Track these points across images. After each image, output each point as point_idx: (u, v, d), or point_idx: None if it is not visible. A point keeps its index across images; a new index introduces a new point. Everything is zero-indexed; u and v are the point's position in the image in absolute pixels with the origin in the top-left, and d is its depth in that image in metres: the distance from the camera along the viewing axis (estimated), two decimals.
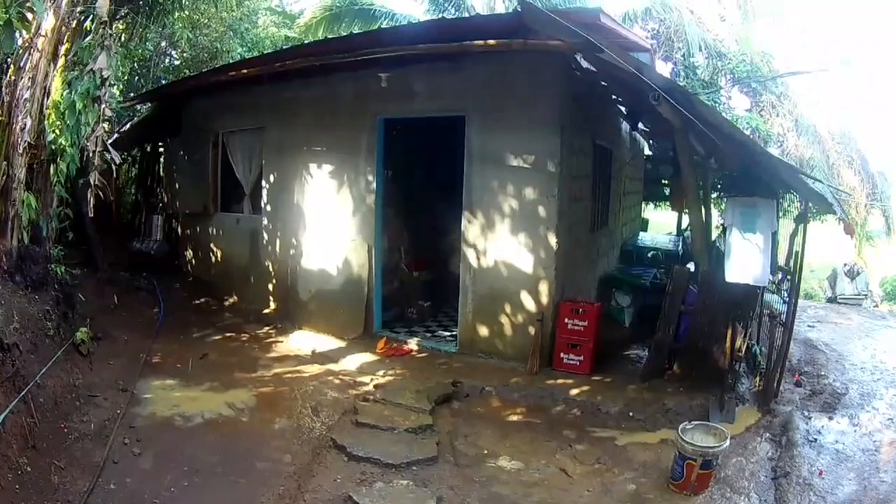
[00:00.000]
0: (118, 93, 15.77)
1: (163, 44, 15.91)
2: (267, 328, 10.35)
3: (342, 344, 9.39)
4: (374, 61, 8.31)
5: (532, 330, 8.28)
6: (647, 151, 16.47)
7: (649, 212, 21.53)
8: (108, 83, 7.91)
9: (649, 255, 14.23)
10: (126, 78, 15.87)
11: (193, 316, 10.97)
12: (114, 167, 14.83)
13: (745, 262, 7.54)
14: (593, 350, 8.28)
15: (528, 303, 8.34)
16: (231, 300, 11.86)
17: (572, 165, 8.54)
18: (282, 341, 9.73)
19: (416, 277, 11.30)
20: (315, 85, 9.91)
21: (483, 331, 8.68)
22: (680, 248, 14.79)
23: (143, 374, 7.91)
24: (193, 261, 13.10)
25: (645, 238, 15.94)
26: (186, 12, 13.88)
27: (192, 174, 12.57)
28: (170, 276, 12.89)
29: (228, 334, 10.01)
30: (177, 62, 16.67)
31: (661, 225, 20.48)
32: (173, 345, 9.22)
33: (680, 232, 17.55)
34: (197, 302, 11.90)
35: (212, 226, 12.43)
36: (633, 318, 10.84)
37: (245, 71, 9.55)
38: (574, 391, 7.72)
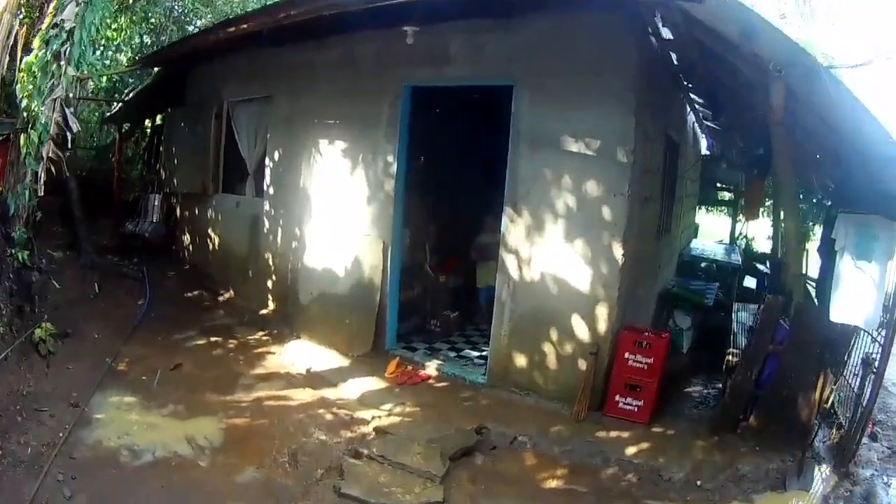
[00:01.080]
0: (125, 60, 14.46)
1: (176, 9, 14.39)
2: (260, 333, 8.67)
3: (345, 362, 7.64)
4: (400, 14, 6.45)
5: (583, 364, 6.44)
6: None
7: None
8: (73, 38, 6.49)
9: (702, 265, 12.36)
10: (138, 45, 14.47)
11: (181, 312, 9.35)
12: (118, 140, 13.77)
13: (855, 297, 5.69)
14: (656, 392, 6.46)
15: (581, 330, 6.46)
16: (227, 295, 10.21)
17: (646, 156, 6.63)
18: (274, 353, 8.00)
19: (443, 282, 9.39)
20: (331, 46, 8.16)
21: (520, 360, 6.82)
22: (735, 258, 12.98)
23: (102, 385, 6.46)
24: (190, 247, 11.51)
25: (698, 247, 13.95)
26: None
27: (193, 149, 10.95)
28: (164, 263, 11.44)
29: (214, 339, 8.34)
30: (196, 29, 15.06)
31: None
32: (148, 348, 7.64)
33: (734, 240, 15.72)
34: (189, 295, 10.30)
35: (210, 208, 10.77)
36: (692, 343, 8.97)
37: (245, 26, 7.76)
38: (631, 449, 5.89)
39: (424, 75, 7.33)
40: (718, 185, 16.28)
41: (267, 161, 9.22)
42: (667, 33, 6.21)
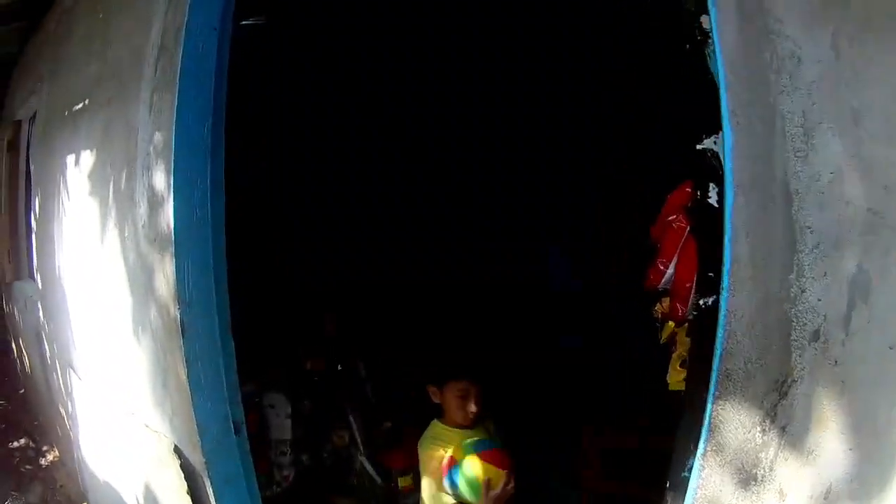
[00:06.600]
0: None
1: None
2: None
3: None
4: None
5: None
6: None
7: None
8: None
9: None
10: None
11: None
12: None
13: None
14: None
15: None
16: (51, 455, 5.15)
17: None
18: None
19: (406, 487, 3.11)
20: None
21: None
22: None
23: None
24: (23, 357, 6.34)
25: None
26: None
27: None
28: (4, 377, 6.55)
29: None
30: None
31: None
32: None
33: None
34: (14, 444, 5.49)
35: (11, 305, 5.61)
36: None
37: None
38: None
39: None
40: None
41: (31, 220, 3.97)
42: None
